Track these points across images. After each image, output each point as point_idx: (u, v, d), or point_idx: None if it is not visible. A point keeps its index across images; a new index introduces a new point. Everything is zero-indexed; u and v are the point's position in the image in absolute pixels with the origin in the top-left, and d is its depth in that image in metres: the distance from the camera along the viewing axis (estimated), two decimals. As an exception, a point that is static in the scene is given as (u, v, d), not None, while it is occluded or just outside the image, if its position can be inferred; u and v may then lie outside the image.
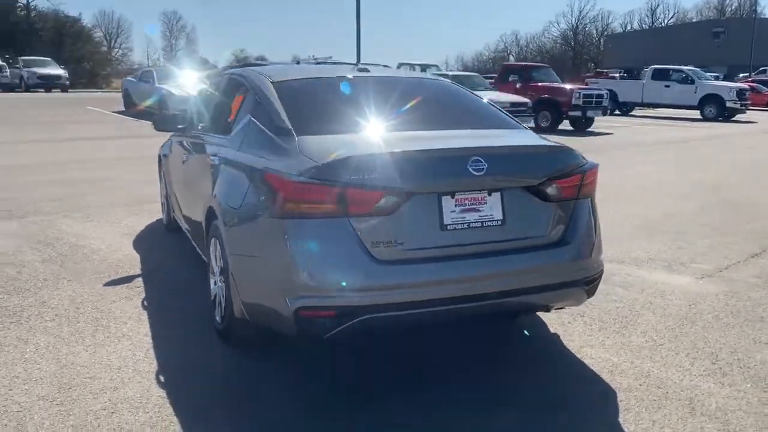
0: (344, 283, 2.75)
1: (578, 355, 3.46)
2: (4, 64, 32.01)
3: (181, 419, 2.78)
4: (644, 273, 4.93)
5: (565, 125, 18.76)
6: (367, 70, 4.13)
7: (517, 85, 19.22)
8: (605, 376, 3.21)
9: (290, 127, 3.28)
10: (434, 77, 4.72)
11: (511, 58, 77.12)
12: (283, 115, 3.39)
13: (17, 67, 32.00)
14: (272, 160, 3.08)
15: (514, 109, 15.27)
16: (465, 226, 2.88)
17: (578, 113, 18.16)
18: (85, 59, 48.61)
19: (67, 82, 31.91)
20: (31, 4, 47.12)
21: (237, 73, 4.33)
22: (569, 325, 3.87)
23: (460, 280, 2.84)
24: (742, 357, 3.45)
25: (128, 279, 4.67)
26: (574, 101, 17.98)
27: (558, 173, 3.06)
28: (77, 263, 5.03)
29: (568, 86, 19.23)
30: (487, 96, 9.58)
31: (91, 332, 3.69)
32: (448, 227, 2.86)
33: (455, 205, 2.87)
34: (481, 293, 2.88)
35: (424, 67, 24.16)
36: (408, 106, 3.67)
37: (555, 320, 3.91)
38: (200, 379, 3.17)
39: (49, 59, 33.43)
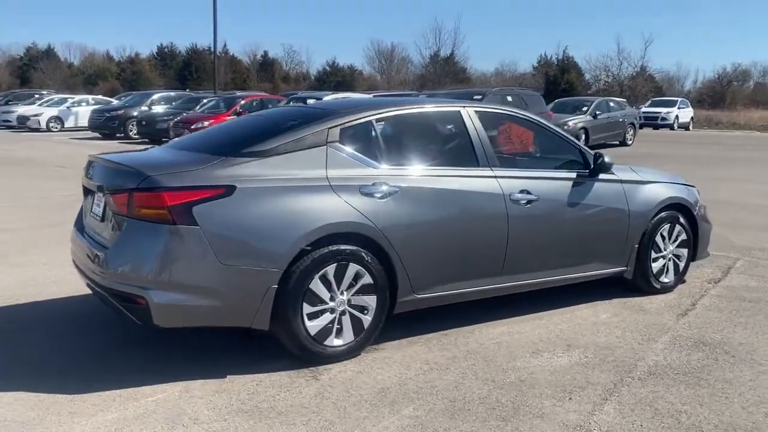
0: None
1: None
2: None
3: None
4: None
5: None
6: (319, 99, 4.81)
7: None
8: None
9: None
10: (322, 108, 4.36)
11: None
12: None
13: None
14: None
15: None
16: (94, 215, 3.91)
17: None
18: None
19: None
20: None
21: None
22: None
23: (84, 255, 3.78)
24: None
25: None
26: None
27: (114, 189, 3.64)
28: None
29: None
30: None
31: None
32: (91, 214, 3.97)
33: (96, 200, 3.91)
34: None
35: None
36: (227, 130, 4.55)
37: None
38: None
39: None
